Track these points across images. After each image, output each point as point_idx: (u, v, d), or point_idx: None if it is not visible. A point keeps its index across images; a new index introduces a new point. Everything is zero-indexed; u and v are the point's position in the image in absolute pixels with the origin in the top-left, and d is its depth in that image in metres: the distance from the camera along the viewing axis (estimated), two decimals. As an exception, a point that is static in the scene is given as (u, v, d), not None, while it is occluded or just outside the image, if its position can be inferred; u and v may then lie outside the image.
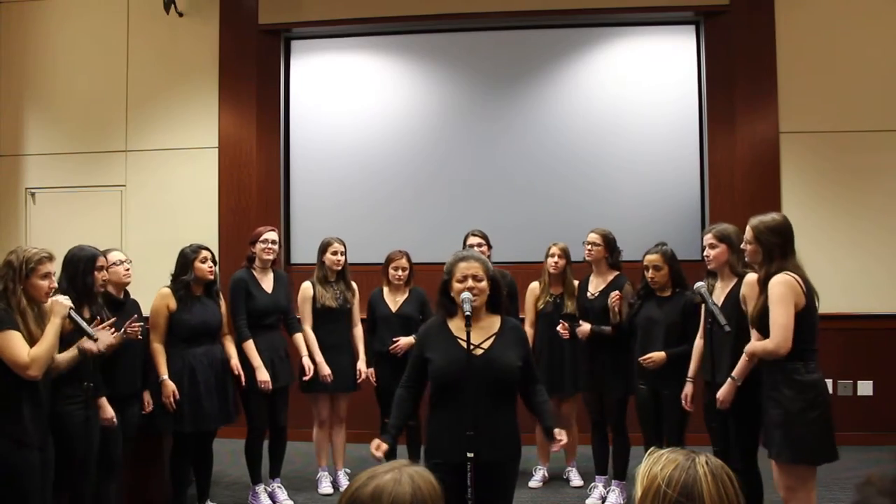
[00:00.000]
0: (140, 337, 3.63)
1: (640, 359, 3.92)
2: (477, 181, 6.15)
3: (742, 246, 3.27)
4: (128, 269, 3.84)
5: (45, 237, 5.97)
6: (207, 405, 3.97)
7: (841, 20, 5.74)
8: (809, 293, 3.00)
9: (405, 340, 4.51)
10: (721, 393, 3.34)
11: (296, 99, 6.36)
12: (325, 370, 4.49)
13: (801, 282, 2.98)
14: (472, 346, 2.62)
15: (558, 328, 4.39)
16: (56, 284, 3.03)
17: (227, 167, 6.18)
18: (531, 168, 6.11)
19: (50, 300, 3.01)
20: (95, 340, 3.17)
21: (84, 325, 3.14)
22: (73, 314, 3.07)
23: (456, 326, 2.72)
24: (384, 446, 2.69)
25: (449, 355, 2.67)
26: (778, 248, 3.05)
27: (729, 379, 3.33)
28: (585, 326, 4.31)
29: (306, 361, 4.48)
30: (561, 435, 2.73)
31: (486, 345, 2.69)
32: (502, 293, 2.84)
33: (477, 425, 2.54)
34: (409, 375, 2.84)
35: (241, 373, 4.16)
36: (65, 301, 3.04)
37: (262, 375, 4.23)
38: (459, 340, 2.67)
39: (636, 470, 1.39)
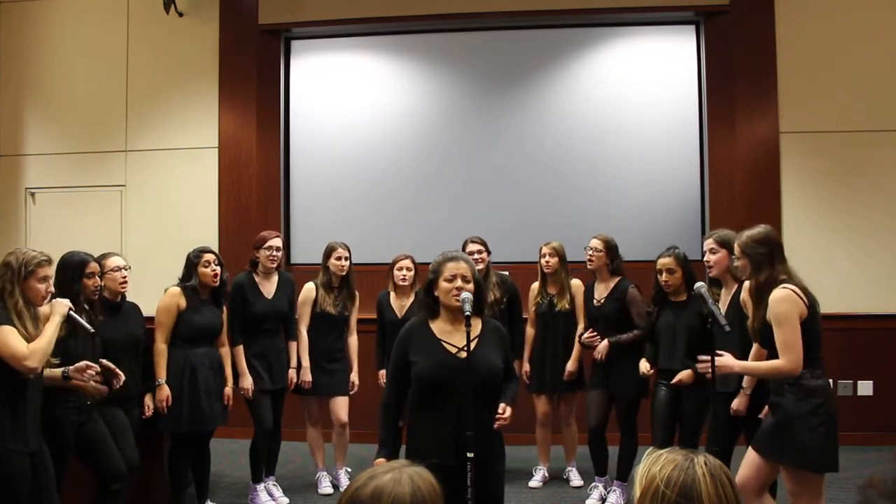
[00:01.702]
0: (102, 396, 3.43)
1: (672, 381, 3.85)
2: (477, 181, 6.15)
3: (734, 263, 3.27)
4: (125, 278, 3.77)
5: (45, 237, 5.98)
6: (206, 406, 3.97)
7: (841, 20, 5.74)
8: (811, 302, 2.98)
9: None
10: (736, 404, 3.43)
11: (296, 99, 6.36)
12: (307, 376, 4.50)
13: (800, 292, 2.97)
14: (458, 349, 2.61)
15: (584, 336, 4.37)
16: (53, 288, 3.03)
17: (227, 167, 6.18)
18: (531, 168, 6.11)
19: (48, 303, 3.01)
20: (93, 334, 3.17)
21: (84, 323, 3.15)
22: (73, 314, 3.08)
23: (438, 328, 2.70)
24: (383, 461, 2.66)
25: (434, 358, 2.64)
26: (765, 258, 3.05)
27: (741, 391, 3.39)
28: (603, 345, 4.29)
29: (292, 374, 4.51)
30: (504, 410, 2.65)
31: (470, 347, 2.66)
32: (484, 296, 2.81)
33: (465, 426, 2.52)
34: (392, 379, 2.77)
35: (231, 402, 4.18)
36: (65, 301, 3.05)
37: (245, 383, 4.27)
38: (443, 343, 2.66)
39: (635, 470, 1.39)
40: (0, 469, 2.81)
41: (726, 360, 3.07)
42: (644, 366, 4.07)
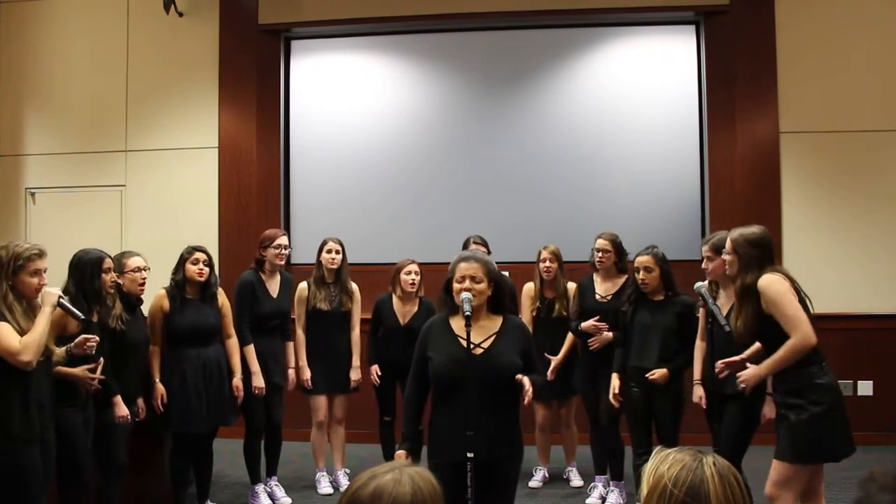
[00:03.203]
0: (92, 352, 3.34)
1: (646, 375, 3.85)
2: (477, 181, 6.15)
3: (723, 256, 3.27)
4: (144, 279, 3.82)
5: (45, 237, 5.93)
6: (196, 406, 3.95)
7: (841, 20, 5.74)
8: (798, 291, 3.00)
9: None
10: (747, 375, 3.11)
11: (296, 99, 6.36)
12: (305, 374, 4.50)
13: (787, 278, 2.99)
14: (475, 345, 2.62)
15: (588, 323, 4.29)
16: (46, 281, 3.02)
17: (227, 167, 6.18)
18: (531, 168, 6.10)
19: (41, 292, 3.01)
20: (83, 321, 3.17)
21: (75, 311, 3.14)
22: (63, 301, 3.06)
23: (457, 325, 2.72)
24: (410, 456, 2.69)
25: (448, 353, 2.67)
26: (755, 260, 3.05)
27: (766, 396, 3.32)
28: (606, 336, 4.23)
29: (291, 374, 4.51)
30: (523, 381, 2.63)
31: (486, 344, 2.69)
32: (505, 294, 2.84)
33: (477, 424, 2.53)
34: (414, 375, 2.83)
35: (241, 392, 4.18)
36: (54, 290, 3.03)
37: (258, 382, 4.26)
38: (459, 339, 2.67)
39: (642, 469, 1.39)
40: (9, 460, 2.82)
41: (749, 373, 3.06)
42: (615, 386, 4.00)
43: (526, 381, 2.64)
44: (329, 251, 4.59)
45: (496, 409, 2.64)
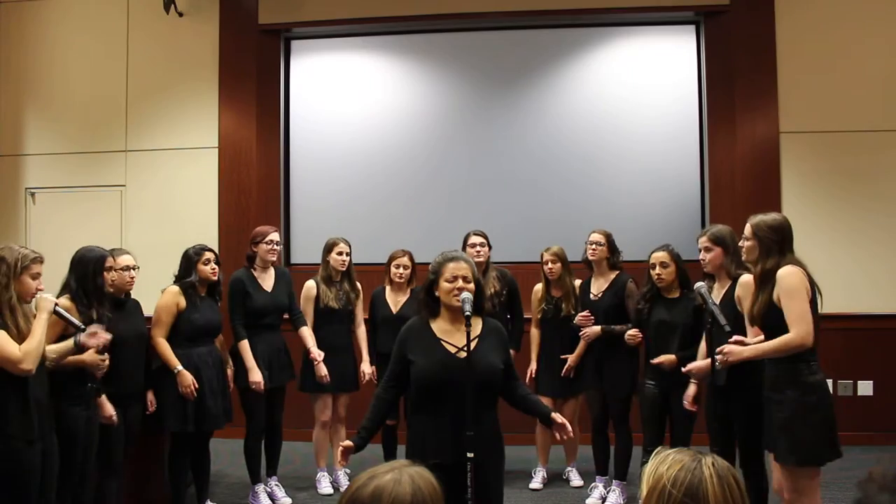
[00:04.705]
0: (103, 360, 3.40)
1: (651, 360, 3.89)
2: (477, 181, 6.15)
3: (740, 243, 3.26)
4: (133, 277, 3.82)
5: (45, 237, 5.98)
6: (211, 405, 3.99)
7: (841, 20, 5.74)
8: (813, 289, 2.99)
9: None
10: (731, 349, 3.07)
11: (296, 99, 6.36)
12: (322, 371, 4.49)
13: (806, 275, 2.97)
14: (458, 349, 2.62)
15: (578, 317, 4.38)
16: (43, 287, 3.04)
17: (227, 167, 6.18)
18: (531, 168, 6.11)
19: (35, 297, 3.02)
20: (80, 329, 3.18)
21: (71, 318, 3.16)
22: (59, 309, 3.08)
23: (439, 328, 2.70)
24: (349, 444, 2.66)
25: (433, 357, 2.65)
26: (776, 245, 3.04)
27: (744, 347, 3.11)
28: (593, 329, 4.32)
29: (316, 352, 4.44)
30: (560, 418, 2.71)
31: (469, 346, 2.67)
32: (485, 295, 2.84)
33: (464, 426, 2.52)
34: (389, 377, 2.79)
35: (232, 383, 4.23)
36: (49, 297, 3.05)
37: (255, 377, 4.25)
38: (443, 342, 2.66)
39: (643, 469, 1.39)
40: (10, 462, 2.82)
41: (733, 348, 3.02)
42: (666, 358, 3.86)
43: (559, 417, 2.70)
44: (340, 253, 4.61)
45: (479, 410, 2.61)
